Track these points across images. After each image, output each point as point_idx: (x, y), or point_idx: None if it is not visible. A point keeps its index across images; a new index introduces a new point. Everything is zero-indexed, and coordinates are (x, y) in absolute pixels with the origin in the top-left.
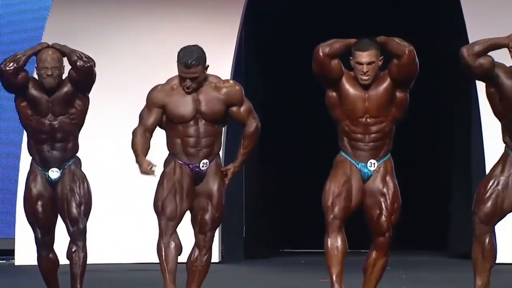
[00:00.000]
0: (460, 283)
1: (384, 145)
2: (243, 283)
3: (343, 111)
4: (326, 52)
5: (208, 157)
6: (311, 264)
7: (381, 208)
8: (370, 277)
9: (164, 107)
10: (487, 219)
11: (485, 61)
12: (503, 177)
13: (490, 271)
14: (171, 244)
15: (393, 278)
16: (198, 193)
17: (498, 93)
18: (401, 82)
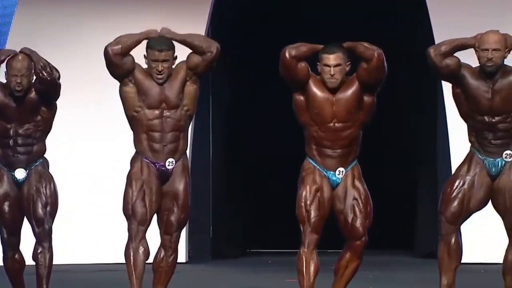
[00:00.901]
0: (426, 283)
1: (352, 152)
2: (209, 283)
3: (310, 115)
4: (292, 54)
5: (174, 155)
6: (277, 264)
7: (355, 212)
8: (341, 278)
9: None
10: (453, 219)
11: (452, 62)
12: (469, 177)
13: (456, 270)
14: (140, 249)
15: (359, 278)
16: (164, 193)
17: (464, 93)
18: (369, 85)
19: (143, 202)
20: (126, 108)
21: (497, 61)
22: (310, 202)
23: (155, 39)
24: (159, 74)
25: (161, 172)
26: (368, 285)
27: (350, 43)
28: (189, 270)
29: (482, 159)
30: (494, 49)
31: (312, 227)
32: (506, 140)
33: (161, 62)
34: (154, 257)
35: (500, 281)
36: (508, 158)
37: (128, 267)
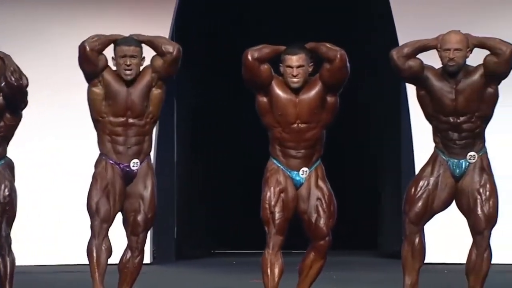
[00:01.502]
0: (390, 283)
1: (315, 152)
2: (174, 284)
3: (274, 117)
4: (255, 57)
5: (138, 156)
6: (242, 264)
7: (318, 212)
8: (305, 279)
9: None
10: (417, 219)
11: (414, 63)
12: (433, 178)
13: (419, 270)
14: (103, 246)
15: (324, 279)
16: (130, 194)
17: (428, 95)
18: (332, 86)
19: (107, 201)
20: (92, 111)
21: (459, 60)
22: (274, 203)
23: (123, 38)
24: (127, 69)
25: (126, 173)
26: (332, 285)
27: (313, 44)
28: (153, 271)
29: (446, 160)
30: (456, 49)
31: (277, 229)
32: (470, 140)
33: (129, 57)
34: (120, 258)
35: (463, 281)
36: (472, 160)
37: (91, 264)
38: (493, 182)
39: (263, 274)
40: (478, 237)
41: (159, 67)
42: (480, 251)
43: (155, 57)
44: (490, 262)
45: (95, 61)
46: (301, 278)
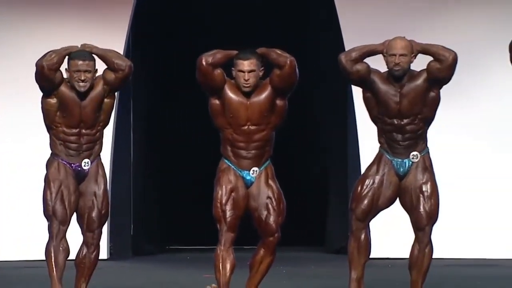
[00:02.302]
0: (337, 277)
1: (265, 153)
2: (130, 279)
3: (226, 119)
4: (209, 62)
5: (90, 156)
6: (195, 260)
7: (268, 210)
8: (255, 274)
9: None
10: (363, 216)
11: (362, 67)
12: (378, 176)
13: (365, 265)
14: (60, 248)
15: (274, 273)
16: (83, 192)
17: (374, 97)
18: (282, 90)
19: (63, 203)
20: (45, 119)
21: (404, 65)
22: (226, 201)
23: (77, 51)
24: (81, 82)
25: (78, 173)
26: (282, 280)
27: (264, 49)
28: (110, 266)
29: (390, 160)
30: (401, 54)
31: (228, 226)
32: (413, 141)
33: (84, 72)
34: (76, 255)
35: (406, 275)
36: (415, 159)
37: (49, 265)
38: (434, 180)
39: (215, 270)
40: (420, 233)
41: (110, 81)
42: (422, 246)
43: (107, 71)
44: (431, 257)
45: (53, 79)
46: (252, 274)
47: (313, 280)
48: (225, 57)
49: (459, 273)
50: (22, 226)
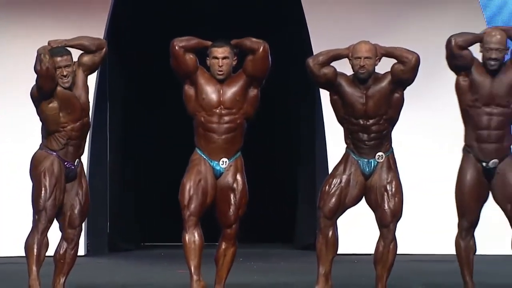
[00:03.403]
0: (305, 272)
1: (236, 142)
2: (106, 275)
3: (198, 102)
4: (180, 45)
5: (79, 156)
6: (169, 256)
7: (229, 202)
8: (222, 267)
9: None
10: (330, 214)
11: (328, 71)
12: (345, 175)
13: (332, 260)
14: (44, 242)
15: (244, 269)
16: (67, 191)
17: (341, 99)
18: (255, 77)
19: (54, 201)
20: (49, 125)
21: (369, 68)
22: (192, 189)
23: (53, 49)
24: (64, 78)
25: (68, 171)
26: (252, 275)
27: (237, 40)
28: (87, 263)
29: (356, 160)
30: (365, 57)
31: (191, 211)
32: (378, 141)
33: (64, 68)
34: (55, 251)
35: (371, 270)
36: (380, 159)
37: (30, 258)
38: (398, 179)
39: (185, 256)
40: (385, 230)
41: (92, 63)
42: (386, 242)
43: (83, 56)
44: (395, 253)
45: (55, 78)
46: (218, 267)
47: (283, 275)
48: (198, 43)
49: (423, 269)
50: (19, 225)
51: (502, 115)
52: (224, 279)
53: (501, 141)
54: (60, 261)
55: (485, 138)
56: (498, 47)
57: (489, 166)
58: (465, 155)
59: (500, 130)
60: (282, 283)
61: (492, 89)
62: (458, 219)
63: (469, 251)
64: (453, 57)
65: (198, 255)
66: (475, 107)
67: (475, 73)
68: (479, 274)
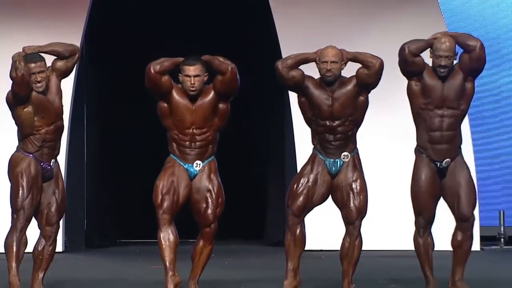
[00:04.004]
0: (275, 267)
1: (208, 150)
2: (83, 270)
3: (172, 121)
4: (157, 70)
5: (55, 156)
6: (144, 252)
7: (207, 202)
8: (198, 263)
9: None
10: (299, 212)
11: (296, 74)
12: (312, 175)
13: (300, 256)
14: (23, 240)
15: (217, 264)
16: (44, 190)
17: (308, 101)
18: (224, 95)
19: (32, 200)
20: (24, 129)
21: (335, 72)
22: (165, 190)
23: (27, 55)
24: (38, 83)
25: (45, 171)
26: (225, 270)
27: (208, 56)
28: (65, 259)
29: (323, 160)
30: (332, 61)
31: (164, 209)
32: (344, 141)
33: (38, 74)
34: (34, 247)
35: (338, 265)
36: (345, 159)
37: (9, 255)
38: (363, 178)
39: (160, 253)
40: (350, 227)
41: (65, 69)
42: (352, 239)
43: (57, 61)
44: (360, 249)
45: (30, 85)
46: (194, 263)
47: (253, 270)
48: (172, 64)
49: (387, 264)
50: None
51: (453, 117)
52: (198, 275)
53: (453, 141)
54: (39, 257)
55: (438, 139)
56: (447, 54)
57: (443, 166)
58: (418, 155)
59: (452, 131)
60: (252, 278)
61: (443, 92)
62: (414, 218)
63: (427, 247)
64: (406, 63)
65: (173, 251)
66: (428, 110)
67: (427, 77)
68: (439, 269)
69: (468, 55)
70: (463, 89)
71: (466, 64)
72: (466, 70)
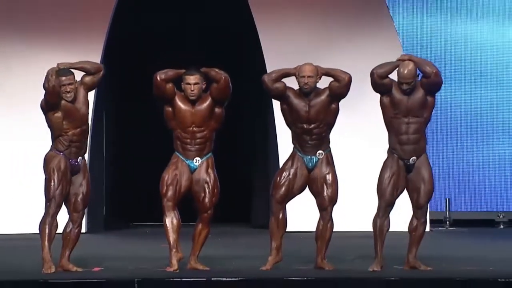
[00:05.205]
0: (260, 246)
1: (206, 147)
2: (102, 248)
3: (176, 122)
4: (162, 77)
5: (81, 155)
6: (154, 234)
7: (205, 192)
8: (196, 243)
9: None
10: (281, 200)
11: (280, 85)
12: (293, 169)
13: (282, 237)
14: (54, 224)
15: (212, 243)
16: (73, 182)
17: (289, 108)
18: (219, 100)
19: (62, 191)
20: (55, 131)
21: (311, 84)
22: (169, 182)
23: (59, 70)
24: (67, 93)
25: (72, 167)
26: (219, 248)
27: (206, 68)
28: (87, 239)
29: (301, 157)
30: (309, 76)
31: (168, 198)
32: (319, 141)
33: (68, 85)
34: (63, 230)
35: (313, 244)
36: (320, 156)
37: (42, 236)
38: (334, 172)
39: (166, 234)
40: (324, 212)
41: (92, 83)
42: (325, 222)
43: (85, 77)
44: (332, 230)
45: (59, 95)
46: (194, 243)
47: (242, 248)
48: (175, 74)
49: (355, 243)
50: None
51: (417, 123)
52: (198, 252)
53: (417, 143)
54: (67, 238)
55: (405, 141)
56: (408, 81)
57: (410, 163)
58: (389, 155)
59: (416, 134)
60: (241, 255)
61: (408, 104)
62: (378, 201)
63: (383, 228)
64: (376, 85)
65: (176, 233)
66: (396, 118)
67: (395, 92)
68: (397, 247)
69: (425, 79)
70: (425, 102)
71: (425, 84)
72: (425, 89)
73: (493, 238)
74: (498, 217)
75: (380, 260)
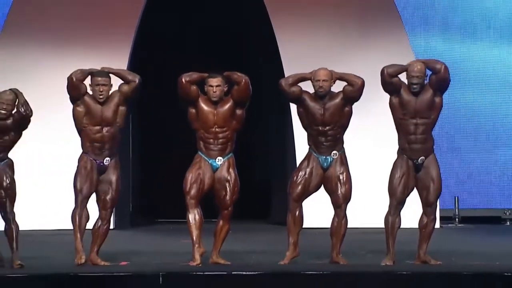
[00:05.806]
0: (279, 242)
1: (228, 147)
2: (129, 244)
3: (199, 123)
4: (187, 79)
5: (110, 155)
6: (177, 230)
7: (226, 190)
8: (218, 239)
9: (85, 98)
10: (298, 198)
11: (296, 89)
12: (308, 169)
13: (299, 233)
14: (83, 214)
15: (233, 239)
16: (102, 180)
17: (305, 111)
18: (240, 102)
19: (88, 185)
20: (76, 123)
21: (326, 88)
22: (192, 180)
23: (97, 71)
24: (100, 94)
25: (100, 167)
26: (239, 243)
27: (228, 72)
28: (115, 234)
29: (317, 157)
30: (323, 80)
31: (191, 196)
32: (333, 142)
33: (101, 85)
34: (93, 226)
35: (328, 240)
36: (334, 156)
37: (74, 227)
38: (348, 171)
39: (189, 230)
40: (338, 210)
41: (125, 92)
42: (339, 219)
43: (122, 85)
44: (346, 227)
45: (79, 88)
46: (216, 239)
47: (261, 244)
48: (199, 77)
49: (368, 239)
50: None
51: (425, 124)
52: (219, 247)
53: (425, 142)
54: (96, 234)
55: (413, 141)
56: (418, 75)
57: (418, 162)
58: (399, 155)
59: (424, 135)
60: (260, 250)
61: (416, 106)
62: (389, 199)
63: (394, 225)
64: (385, 83)
65: (199, 229)
66: (405, 119)
67: (404, 94)
68: (408, 243)
69: (435, 75)
70: (432, 103)
71: (434, 82)
72: (434, 87)
73: (500, 234)
74: (504, 214)
75: (392, 255)
